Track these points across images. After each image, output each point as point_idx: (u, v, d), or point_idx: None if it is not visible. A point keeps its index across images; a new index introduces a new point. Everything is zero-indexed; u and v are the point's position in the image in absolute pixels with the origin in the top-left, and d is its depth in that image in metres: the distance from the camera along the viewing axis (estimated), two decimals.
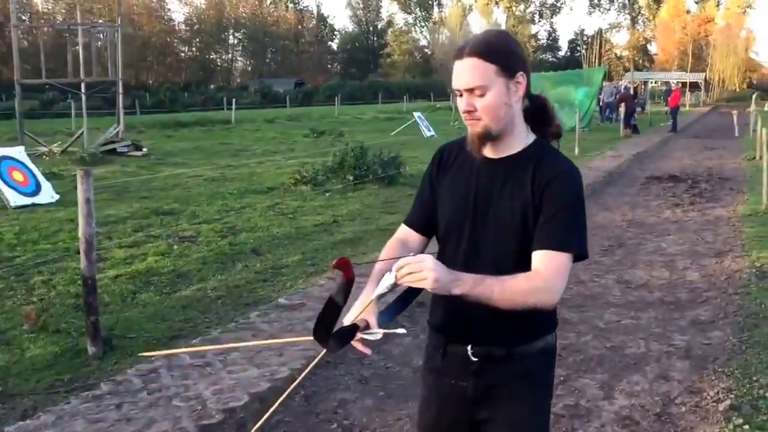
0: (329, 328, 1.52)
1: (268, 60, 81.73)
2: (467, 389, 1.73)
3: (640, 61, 78.93)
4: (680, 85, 47.42)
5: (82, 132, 16.02)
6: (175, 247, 6.87)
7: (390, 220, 8.12)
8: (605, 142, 19.39)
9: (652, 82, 53.34)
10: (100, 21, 35.85)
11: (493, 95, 1.60)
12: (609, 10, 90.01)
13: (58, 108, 32.51)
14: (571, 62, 71.10)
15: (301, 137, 20.54)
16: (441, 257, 1.68)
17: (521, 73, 1.63)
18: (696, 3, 79.65)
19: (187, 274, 5.98)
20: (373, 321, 1.58)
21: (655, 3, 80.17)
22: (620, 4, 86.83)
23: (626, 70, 63.52)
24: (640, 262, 6.43)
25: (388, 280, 1.52)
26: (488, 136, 1.64)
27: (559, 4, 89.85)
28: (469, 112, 1.63)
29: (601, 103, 27.12)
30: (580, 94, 24.15)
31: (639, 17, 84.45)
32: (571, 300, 5.22)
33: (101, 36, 17.22)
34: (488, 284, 1.53)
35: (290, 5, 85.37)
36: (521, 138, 1.69)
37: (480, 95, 1.60)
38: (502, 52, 1.62)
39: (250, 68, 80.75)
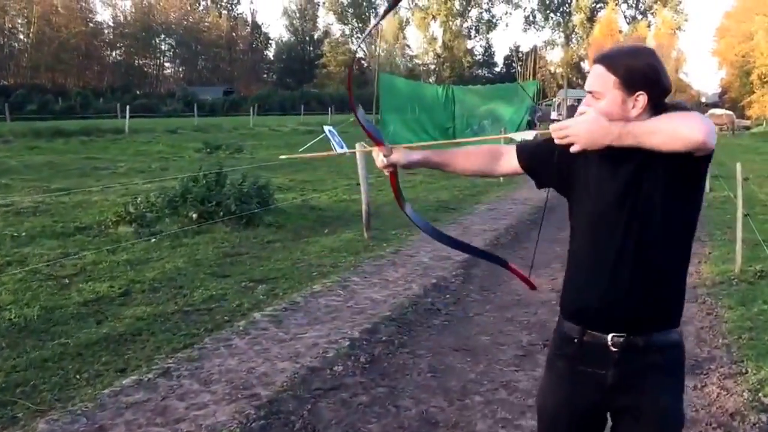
0: None
1: (200, 67, 77.97)
2: (606, 377, 1.77)
3: (574, 79, 78.75)
4: None
5: None
6: None
7: (214, 290, 5.48)
8: None
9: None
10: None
11: (606, 103, 1.69)
12: (544, 27, 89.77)
13: None
14: (507, 78, 70.06)
15: (193, 152, 17.68)
16: (592, 242, 1.80)
17: (642, 92, 1.68)
18: (628, 23, 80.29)
19: None
20: (395, 156, 2.01)
21: (589, 22, 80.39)
22: (555, 22, 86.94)
23: (560, 87, 62.81)
24: None
25: (525, 135, 2.03)
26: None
27: (495, 21, 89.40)
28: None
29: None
30: (509, 110, 22.16)
31: (573, 35, 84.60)
32: None
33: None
34: (649, 125, 1.61)
35: (224, 12, 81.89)
36: None
37: (596, 99, 1.71)
38: (627, 67, 1.68)
39: (182, 75, 76.82)
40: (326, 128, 16.01)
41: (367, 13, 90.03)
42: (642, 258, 1.72)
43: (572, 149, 1.68)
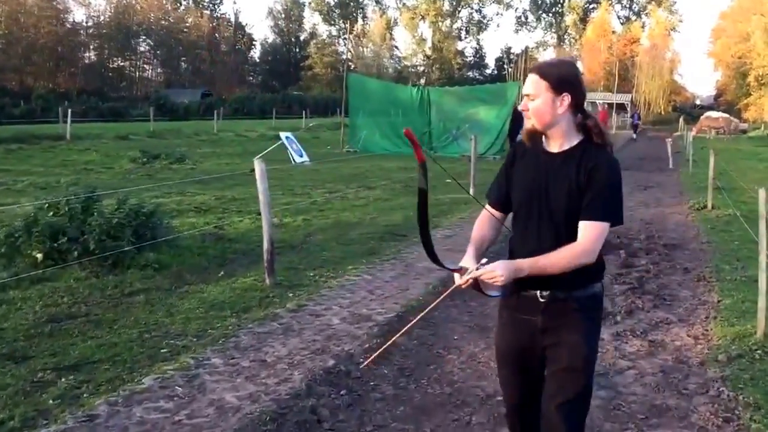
0: (425, 211, 2.15)
1: (182, 69, 75.77)
2: (537, 322, 2.32)
3: None
4: (606, 105, 44.97)
5: None
6: None
7: None
8: None
9: None
10: None
11: (539, 102, 2.24)
12: (536, 28, 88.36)
13: None
14: (498, 80, 68.48)
15: (127, 161, 15.79)
16: (515, 223, 2.39)
17: (567, 93, 2.23)
18: (621, 24, 78.82)
19: None
20: (469, 268, 2.27)
21: (582, 22, 78.93)
22: (547, 23, 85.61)
23: None
24: None
25: (472, 270, 2.21)
26: (534, 131, 2.30)
27: (485, 21, 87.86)
28: (524, 110, 2.30)
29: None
30: (490, 114, 20.33)
31: (565, 36, 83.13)
32: None
33: None
34: (541, 264, 2.19)
35: (206, 12, 79.75)
36: (570, 139, 2.28)
37: (531, 100, 2.26)
38: (555, 75, 2.24)
39: (162, 77, 74.63)
40: (282, 135, 13.82)
41: (354, 14, 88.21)
42: (556, 236, 2.24)
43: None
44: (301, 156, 17.54)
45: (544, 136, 2.31)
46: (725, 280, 6.52)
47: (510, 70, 68.23)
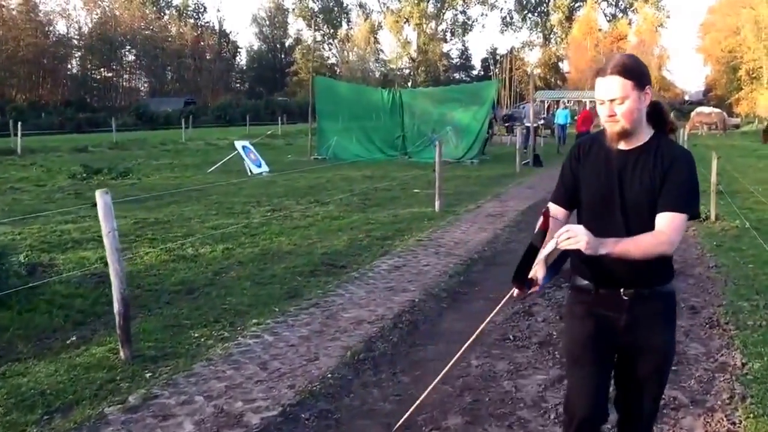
0: (527, 268, 2.15)
1: (168, 78, 74.14)
2: (619, 320, 2.26)
3: (552, 80, 75.67)
4: (591, 104, 43.66)
5: None
6: None
7: None
8: (491, 184, 13.89)
9: (565, 101, 49.39)
10: None
11: (630, 103, 2.16)
12: (521, 28, 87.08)
13: None
14: (484, 81, 67.06)
15: (66, 177, 14.16)
16: (584, 222, 2.24)
17: (648, 86, 2.20)
18: (608, 21, 77.61)
19: None
20: (541, 275, 2.25)
21: (567, 21, 77.69)
22: (532, 23, 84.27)
23: (538, 88, 59.69)
24: None
25: (550, 245, 2.08)
26: (624, 134, 2.21)
27: (470, 23, 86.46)
28: (610, 116, 2.19)
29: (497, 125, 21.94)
30: (467, 115, 18.80)
31: (551, 35, 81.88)
32: None
33: None
34: (625, 244, 2.09)
35: (189, 21, 78.27)
36: (645, 133, 2.25)
37: (620, 104, 2.16)
38: (636, 71, 2.18)
39: (147, 86, 73.02)
40: (238, 144, 11.99)
41: (338, 19, 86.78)
42: (630, 233, 2.14)
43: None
44: (259, 166, 15.96)
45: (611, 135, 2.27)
46: (746, 326, 4.96)
47: (496, 70, 66.84)
